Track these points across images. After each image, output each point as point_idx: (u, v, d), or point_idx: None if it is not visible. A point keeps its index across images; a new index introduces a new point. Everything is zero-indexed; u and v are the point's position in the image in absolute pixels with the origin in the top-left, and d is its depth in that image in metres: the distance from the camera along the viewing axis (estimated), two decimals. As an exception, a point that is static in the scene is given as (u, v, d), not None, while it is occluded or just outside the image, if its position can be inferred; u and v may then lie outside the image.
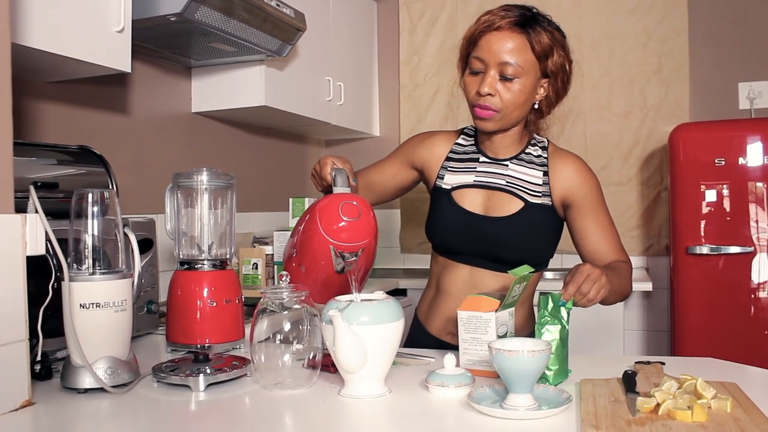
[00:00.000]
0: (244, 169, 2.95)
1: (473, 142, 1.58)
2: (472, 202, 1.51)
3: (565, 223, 1.55)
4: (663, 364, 1.30)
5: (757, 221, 2.71)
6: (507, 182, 1.50)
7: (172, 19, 1.93)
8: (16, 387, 1.11)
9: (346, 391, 1.17)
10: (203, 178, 1.44)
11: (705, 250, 2.76)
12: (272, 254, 2.62)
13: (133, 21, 1.81)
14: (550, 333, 1.22)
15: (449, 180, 1.54)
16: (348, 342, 1.11)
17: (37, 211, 1.17)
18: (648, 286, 2.86)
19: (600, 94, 3.36)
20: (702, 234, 2.78)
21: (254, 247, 2.66)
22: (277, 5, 2.28)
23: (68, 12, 1.61)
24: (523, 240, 1.48)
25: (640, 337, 3.36)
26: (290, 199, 2.79)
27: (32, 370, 1.19)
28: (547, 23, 1.42)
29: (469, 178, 1.52)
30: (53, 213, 1.26)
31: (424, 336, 1.62)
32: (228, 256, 1.50)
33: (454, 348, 1.55)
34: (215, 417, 1.12)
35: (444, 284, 1.58)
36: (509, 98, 1.40)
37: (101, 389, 1.18)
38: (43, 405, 1.15)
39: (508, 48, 1.37)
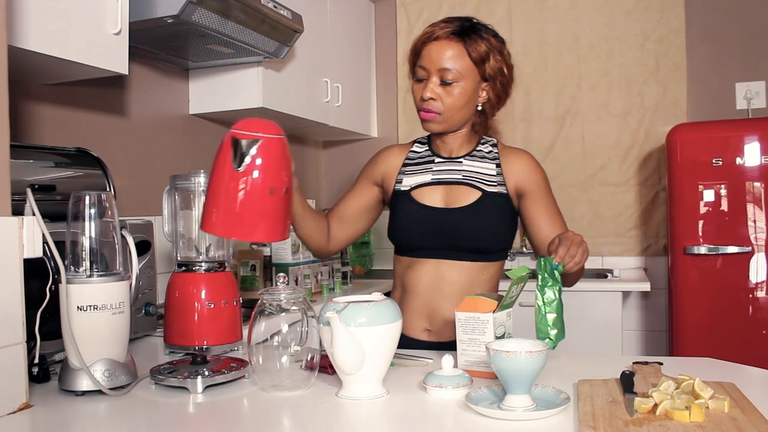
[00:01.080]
0: (242, 171, 2.95)
1: (427, 148, 1.68)
2: (432, 198, 1.59)
3: (518, 213, 1.64)
4: (661, 364, 1.31)
5: (754, 221, 2.71)
6: (463, 176, 1.60)
7: (169, 21, 1.93)
8: (13, 390, 1.11)
9: (344, 392, 1.17)
10: (201, 180, 1.44)
11: (703, 250, 2.76)
12: (270, 256, 2.62)
13: (130, 23, 1.81)
14: (552, 292, 1.28)
15: (407, 182, 1.63)
16: (346, 343, 1.11)
17: (34, 214, 1.17)
18: (646, 287, 2.86)
19: (598, 94, 3.37)
20: (700, 234, 2.78)
21: (252, 249, 2.66)
22: (275, 7, 2.28)
23: (65, 14, 1.61)
24: (484, 227, 1.55)
25: (638, 338, 3.37)
26: (288, 201, 2.80)
27: (30, 372, 1.19)
28: (483, 31, 1.54)
29: (427, 177, 1.62)
30: (50, 215, 1.26)
31: (401, 338, 1.63)
32: (226, 258, 1.50)
33: (431, 345, 1.56)
34: (213, 419, 1.12)
35: (410, 283, 1.61)
36: (450, 101, 1.52)
37: (99, 392, 1.18)
38: (40, 408, 1.15)
39: (446, 56, 1.51)
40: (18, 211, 1.17)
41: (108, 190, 1.68)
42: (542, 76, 3.44)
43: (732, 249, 2.73)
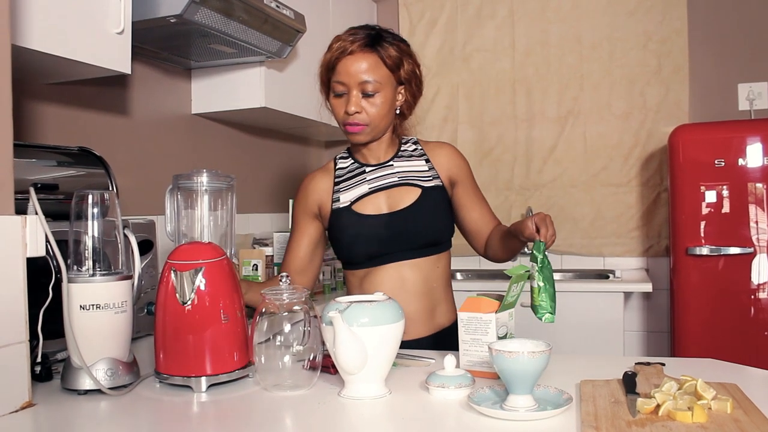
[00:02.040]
0: (244, 171, 2.95)
1: (352, 161, 1.68)
2: (375, 206, 1.61)
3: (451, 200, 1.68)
4: (663, 365, 1.30)
5: (756, 222, 2.71)
6: (399, 177, 1.63)
7: (172, 20, 1.93)
8: (16, 388, 1.12)
9: (346, 392, 1.17)
10: (203, 179, 1.44)
11: (705, 251, 2.76)
12: (272, 255, 2.62)
13: (133, 22, 1.81)
14: (549, 270, 1.32)
15: (345, 198, 1.63)
16: (348, 343, 1.12)
17: (37, 213, 1.18)
18: (648, 287, 2.85)
19: (600, 95, 3.36)
20: (702, 235, 2.78)
21: (254, 248, 2.66)
22: (277, 7, 2.28)
23: (68, 14, 1.61)
24: (432, 221, 1.60)
25: (640, 338, 3.36)
26: (290, 201, 2.80)
27: (32, 371, 1.19)
28: (391, 38, 1.57)
29: (364, 188, 1.63)
30: (53, 214, 1.26)
31: None
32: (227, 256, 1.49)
33: (406, 345, 1.56)
34: (216, 418, 1.12)
35: (371, 291, 1.56)
36: (374, 112, 1.55)
37: (101, 390, 1.18)
38: (43, 406, 1.15)
39: (363, 68, 1.52)
40: (21, 210, 1.17)
41: (110, 189, 1.68)
42: (544, 77, 3.43)
43: (734, 250, 2.72)
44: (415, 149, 1.68)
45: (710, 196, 2.76)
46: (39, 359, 1.26)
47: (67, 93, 2.03)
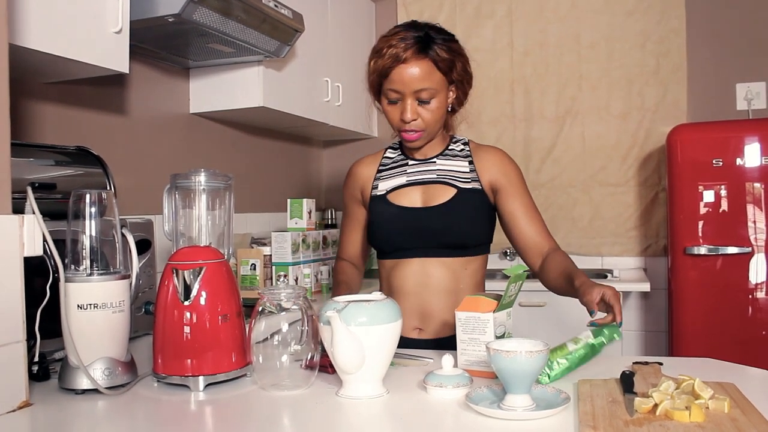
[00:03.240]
0: (242, 170, 2.95)
1: (400, 152, 1.71)
2: (410, 199, 1.62)
3: (496, 210, 1.65)
4: (661, 364, 1.31)
5: (754, 222, 2.71)
6: (437, 175, 1.63)
7: (170, 19, 1.93)
8: (13, 388, 1.11)
9: (344, 391, 1.17)
10: (201, 178, 1.43)
11: (703, 250, 2.76)
12: (270, 255, 2.62)
13: (131, 22, 1.81)
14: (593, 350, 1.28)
15: (383, 186, 1.67)
16: (346, 343, 1.11)
17: (34, 212, 1.17)
18: (646, 287, 2.86)
19: (598, 95, 3.37)
20: (700, 234, 2.78)
21: (252, 247, 2.66)
22: (275, 6, 2.28)
23: (66, 13, 1.61)
24: (462, 222, 1.58)
25: (638, 338, 3.37)
26: (288, 200, 2.80)
27: (30, 371, 1.19)
28: (441, 39, 1.52)
29: (402, 180, 1.65)
30: (51, 214, 1.26)
31: None
32: (226, 257, 1.49)
33: (424, 344, 1.57)
34: (213, 417, 1.12)
35: (396, 283, 1.63)
36: (430, 117, 1.54)
37: (99, 390, 1.18)
38: (40, 406, 1.15)
39: (418, 76, 1.49)
40: (18, 209, 1.17)
41: (108, 188, 1.68)
42: (543, 77, 3.43)
43: (732, 249, 2.73)
44: (462, 150, 1.66)
45: (708, 196, 2.77)
46: (36, 359, 1.26)
47: (65, 92, 2.03)
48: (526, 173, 3.45)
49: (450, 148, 1.66)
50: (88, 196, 1.24)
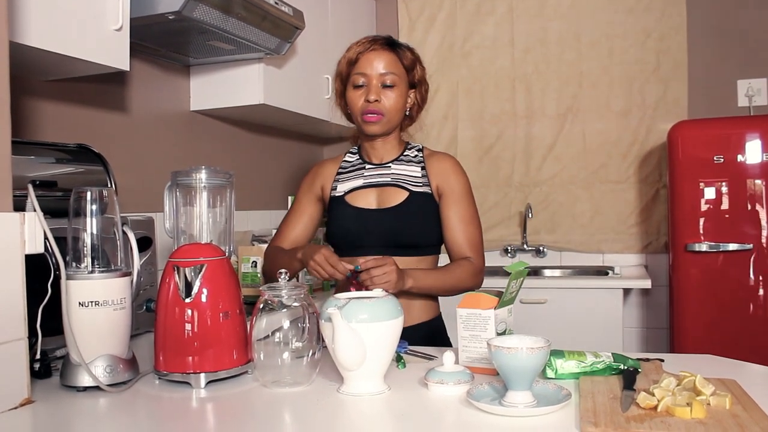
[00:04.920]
0: (242, 167, 2.95)
1: (358, 157, 1.81)
2: (366, 200, 1.72)
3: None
4: (662, 361, 1.31)
5: (756, 218, 2.71)
6: (392, 178, 1.72)
7: (170, 17, 1.93)
8: (15, 385, 1.12)
9: (345, 388, 1.17)
10: (202, 176, 1.43)
11: (704, 247, 2.76)
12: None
13: (131, 19, 1.81)
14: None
15: (341, 188, 1.76)
16: (347, 340, 1.12)
17: (35, 210, 1.17)
18: (647, 284, 2.86)
19: (599, 92, 3.36)
20: (701, 231, 2.78)
21: (253, 245, 2.66)
22: (276, 3, 2.28)
23: (66, 10, 1.60)
24: (413, 224, 1.67)
25: (639, 335, 3.37)
26: (289, 197, 2.80)
27: (32, 368, 1.19)
28: (406, 46, 1.73)
29: (359, 182, 1.75)
30: (52, 211, 1.26)
31: None
32: (227, 254, 1.49)
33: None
34: (215, 414, 1.12)
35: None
36: (391, 104, 1.66)
37: (101, 387, 1.18)
38: (42, 403, 1.15)
39: (385, 62, 1.66)
40: (19, 206, 1.17)
41: (109, 186, 1.68)
42: (543, 74, 3.43)
43: (733, 246, 2.73)
44: (416, 156, 1.75)
45: (709, 193, 2.76)
46: (38, 356, 1.26)
47: (66, 90, 2.03)
48: (527, 170, 3.47)
49: (405, 154, 1.76)
50: (89, 193, 1.24)
